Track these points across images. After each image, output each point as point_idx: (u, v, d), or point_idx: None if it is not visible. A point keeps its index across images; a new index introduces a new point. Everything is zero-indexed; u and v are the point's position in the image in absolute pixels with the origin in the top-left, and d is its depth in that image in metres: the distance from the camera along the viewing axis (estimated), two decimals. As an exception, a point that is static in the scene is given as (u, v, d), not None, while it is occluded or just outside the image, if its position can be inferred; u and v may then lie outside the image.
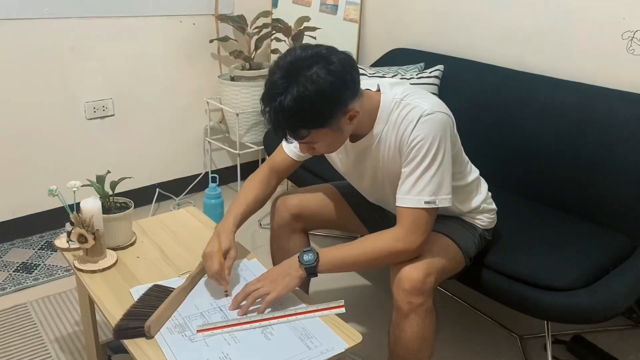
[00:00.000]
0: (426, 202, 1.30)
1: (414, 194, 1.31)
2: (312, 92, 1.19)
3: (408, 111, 1.32)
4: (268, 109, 1.24)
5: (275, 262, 1.69)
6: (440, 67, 2.29)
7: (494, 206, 1.59)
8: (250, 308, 1.29)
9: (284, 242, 1.66)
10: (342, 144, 1.38)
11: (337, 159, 1.54)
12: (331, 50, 1.25)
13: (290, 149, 1.57)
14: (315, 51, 1.24)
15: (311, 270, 1.32)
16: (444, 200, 1.33)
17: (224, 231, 1.44)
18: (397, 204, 1.34)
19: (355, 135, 1.41)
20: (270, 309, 1.29)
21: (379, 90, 1.40)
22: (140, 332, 1.20)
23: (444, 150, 1.31)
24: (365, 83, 1.41)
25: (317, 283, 1.96)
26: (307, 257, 1.32)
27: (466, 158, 1.51)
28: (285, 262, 1.35)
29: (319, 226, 1.72)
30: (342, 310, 1.29)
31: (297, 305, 1.32)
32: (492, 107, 2.09)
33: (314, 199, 1.67)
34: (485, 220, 1.56)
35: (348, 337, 1.22)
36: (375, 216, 1.68)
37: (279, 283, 1.30)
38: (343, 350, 1.18)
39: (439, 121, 1.30)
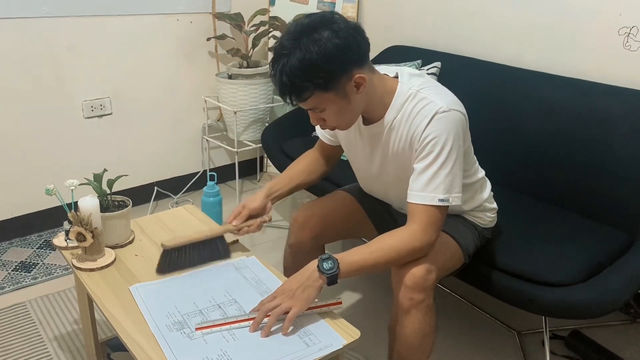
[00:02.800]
0: (440, 200, 1.30)
1: (428, 191, 1.30)
2: (315, 52, 1.22)
3: (423, 105, 1.32)
4: (273, 72, 1.27)
5: (287, 274, 1.60)
6: (438, 64, 2.29)
7: (495, 205, 1.59)
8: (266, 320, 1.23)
9: (302, 259, 1.50)
10: (354, 119, 1.37)
11: (354, 142, 1.52)
12: (337, 14, 1.28)
13: (320, 132, 1.60)
14: (321, 15, 1.28)
15: (333, 279, 1.25)
16: (456, 199, 1.33)
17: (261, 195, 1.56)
18: (410, 201, 1.33)
19: (368, 120, 1.42)
20: None
21: (396, 77, 1.40)
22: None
23: (458, 148, 1.31)
24: (385, 69, 1.41)
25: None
26: (327, 265, 1.25)
27: (474, 156, 1.51)
28: (300, 274, 1.28)
29: (337, 239, 1.71)
30: (340, 306, 1.29)
31: None
32: (489, 103, 2.10)
33: (337, 216, 1.64)
34: (486, 219, 1.56)
35: (346, 333, 1.22)
36: (387, 217, 1.68)
37: (299, 297, 1.23)
38: (341, 346, 1.18)
39: (454, 119, 1.30)
